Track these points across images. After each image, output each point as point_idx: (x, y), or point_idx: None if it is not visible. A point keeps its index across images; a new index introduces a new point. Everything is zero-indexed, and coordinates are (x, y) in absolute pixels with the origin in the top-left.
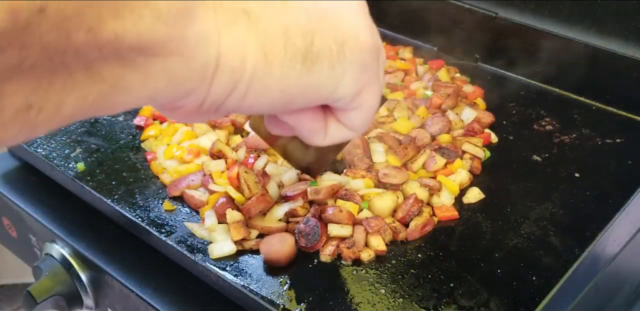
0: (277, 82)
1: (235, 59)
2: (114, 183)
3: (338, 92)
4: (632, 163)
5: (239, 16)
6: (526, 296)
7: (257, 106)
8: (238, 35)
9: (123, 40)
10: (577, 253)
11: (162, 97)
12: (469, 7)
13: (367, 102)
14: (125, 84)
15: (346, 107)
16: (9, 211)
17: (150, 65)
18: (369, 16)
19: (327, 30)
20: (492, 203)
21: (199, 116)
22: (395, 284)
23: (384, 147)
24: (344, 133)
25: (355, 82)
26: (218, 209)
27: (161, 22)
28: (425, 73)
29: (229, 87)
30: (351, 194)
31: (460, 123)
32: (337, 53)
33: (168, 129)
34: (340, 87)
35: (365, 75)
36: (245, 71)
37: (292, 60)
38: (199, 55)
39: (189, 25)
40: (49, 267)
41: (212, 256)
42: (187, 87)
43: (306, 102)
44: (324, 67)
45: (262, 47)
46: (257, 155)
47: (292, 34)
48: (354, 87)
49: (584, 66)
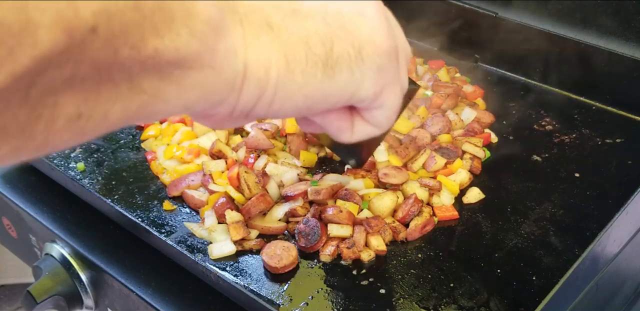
0: (300, 88)
1: (261, 69)
2: (114, 183)
3: (359, 94)
4: (632, 163)
5: (263, 29)
6: (526, 296)
7: (283, 111)
8: (262, 47)
9: (162, 55)
10: (577, 253)
11: (196, 106)
12: (469, 7)
13: (389, 101)
14: (164, 95)
15: (369, 106)
16: (9, 211)
17: (186, 78)
18: (387, 18)
19: (345, 36)
20: (492, 203)
21: (231, 122)
22: (395, 284)
23: (385, 145)
24: (369, 130)
25: (375, 84)
26: (218, 209)
27: (196, 39)
28: (425, 73)
29: (256, 95)
30: (351, 194)
31: (460, 123)
32: (355, 58)
33: (168, 129)
34: (361, 90)
35: (384, 77)
36: (270, 80)
37: (313, 67)
38: (228, 67)
39: (220, 40)
40: (49, 267)
41: (211, 256)
42: (218, 96)
43: (329, 105)
44: (343, 72)
45: (284, 57)
46: (257, 155)
47: (312, 42)
48: (374, 89)
49: (584, 66)
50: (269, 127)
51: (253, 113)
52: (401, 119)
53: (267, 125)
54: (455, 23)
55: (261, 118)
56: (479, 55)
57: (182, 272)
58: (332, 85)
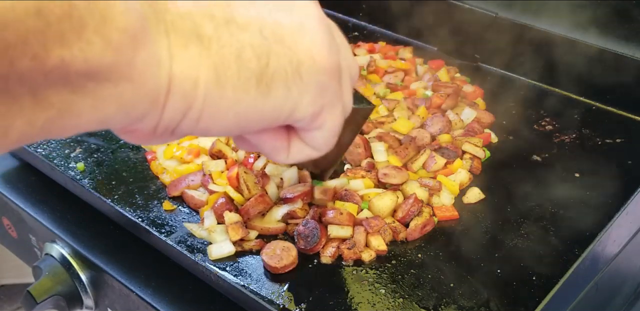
0: (231, 105)
1: (187, 83)
2: (114, 183)
3: (296, 114)
4: (632, 163)
5: (192, 40)
6: (526, 296)
7: (213, 129)
8: (190, 60)
9: (70, 66)
10: (577, 253)
11: (114, 121)
12: (469, 7)
13: (328, 123)
14: (75, 109)
15: (307, 127)
16: (9, 211)
17: (100, 91)
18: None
19: (283, 51)
20: (492, 203)
21: (155, 139)
22: (395, 284)
23: (384, 146)
24: (307, 152)
25: (313, 103)
26: (217, 209)
27: (110, 49)
28: (425, 73)
29: (182, 111)
30: (351, 194)
31: (460, 123)
32: (293, 75)
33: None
34: (298, 109)
35: (323, 97)
36: (198, 95)
37: (246, 84)
38: (149, 80)
39: (139, 50)
40: (49, 267)
41: (211, 257)
42: (138, 111)
43: (264, 124)
44: (279, 90)
45: (214, 71)
46: (257, 155)
47: (245, 56)
48: (312, 109)
49: (584, 66)
50: None
51: (179, 130)
52: (401, 119)
53: None
54: (455, 23)
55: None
56: (479, 55)
57: (182, 272)
58: (267, 103)
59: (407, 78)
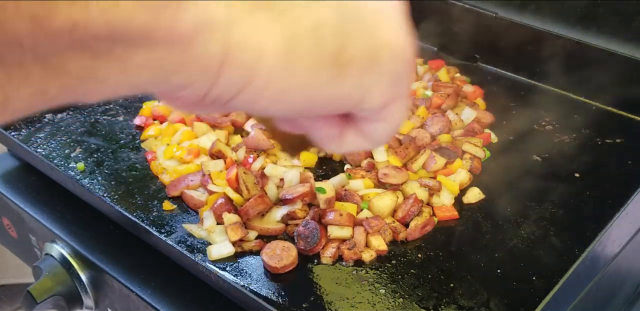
0: (299, 86)
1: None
2: (113, 183)
3: (365, 103)
4: (632, 163)
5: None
6: (526, 296)
7: (271, 109)
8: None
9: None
10: (577, 253)
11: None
12: (469, 7)
13: (394, 115)
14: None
15: (371, 117)
16: (9, 211)
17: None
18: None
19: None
20: (492, 203)
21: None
22: (395, 284)
23: (384, 146)
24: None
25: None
26: (216, 210)
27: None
28: (425, 73)
29: (239, 85)
30: (351, 194)
31: (460, 123)
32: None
33: (168, 129)
34: (370, 98)
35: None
36: (262, 69)
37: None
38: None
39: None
40: (49, 267)
41: (210, 257)
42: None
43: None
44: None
45: (285, 44)
46: (257, 155)
47: (323, 33)
48: (383, 99)
49: (584, 66)
50: None
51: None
52: None
53: None
54: (455, 23)
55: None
56: (479, 55)
57: (182, 272)
58: (338, 89)
59: None
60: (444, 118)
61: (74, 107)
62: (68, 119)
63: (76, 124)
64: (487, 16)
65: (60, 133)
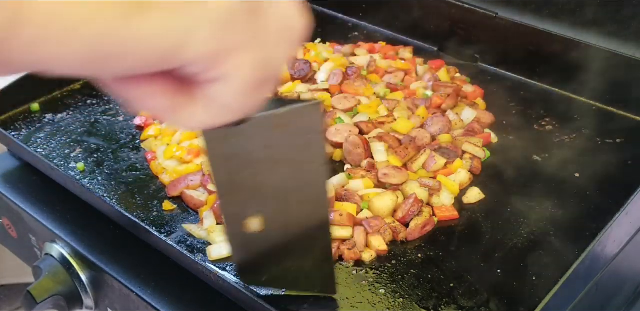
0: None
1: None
2: (113, 183)
3: (185, 53)
4: (632, 163)
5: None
6: (526, 296)
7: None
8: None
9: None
10: (577, 253)
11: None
12: (469, 7)
13: (237, 72)
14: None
15: (205, 76)
16: (9, 211)
17: None
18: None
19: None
20: (492, 203)
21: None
22: (395, 284)
23: (384, 146)
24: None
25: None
26: (216, 210)
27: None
28: (425, 73)
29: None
30: (351, 194)
31: (460, 123)
32: None
33: (168, 129)
34: (189, 46)
35: (231, 35)
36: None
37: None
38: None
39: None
40: (49, 267)
41: (210, 258)
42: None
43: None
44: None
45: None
46: None
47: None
48: (209, 47)
49: (584, 66)
50: None
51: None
52: (401, 119)
53: None
54: (455, 23)
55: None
56: (479, 55)
57: (182, 272)
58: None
59: (407, 78)
60: (444, 118)
61: (74, 107)
62: (68, 119)
63: (76, 124)
64: (487, 16)
65: (60, 133)
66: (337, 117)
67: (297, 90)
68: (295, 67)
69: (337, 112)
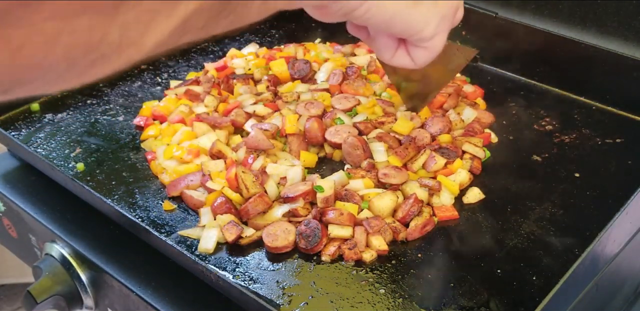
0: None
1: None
2: (114, 183)
3: (423, 32)
4: (632, 163)
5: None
6: (526, 296)
7: (371, 21)
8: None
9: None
10: (577, 253)
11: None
12: (469, 7)
13: (436, 46)
14: None
15: (419, 44)
16: (9, 211)
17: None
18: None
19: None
20: (492, 203)
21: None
22: (395, 284)
23: (384, 146)
24: (406, 62)
25: (437, 27)
26: (216, 209)
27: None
28: None
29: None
30: (351, 194)
31: (461, 124)
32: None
33: (168, 129)
34: (427, 29)
35: (443, 25)
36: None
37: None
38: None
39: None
40: (49, 267)
41: (199, 250)
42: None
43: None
44: (423, 9)
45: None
46: (257, 155)
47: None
48: (434, 31)
49: (584, 66)
50: (268, 127)
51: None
52: (401, 119)
53: (267, 125)
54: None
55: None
56: (479, 55)
57: (182, 272)
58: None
59: None
60: (444, 118)
61: (74, 107)
62: (68, 119)
63: (76, 124)
64: (487, 16)
65: (60, 133)
66: (337, 117)
67: (297, 90)
68: (295, 67)
69: (337, 112)
